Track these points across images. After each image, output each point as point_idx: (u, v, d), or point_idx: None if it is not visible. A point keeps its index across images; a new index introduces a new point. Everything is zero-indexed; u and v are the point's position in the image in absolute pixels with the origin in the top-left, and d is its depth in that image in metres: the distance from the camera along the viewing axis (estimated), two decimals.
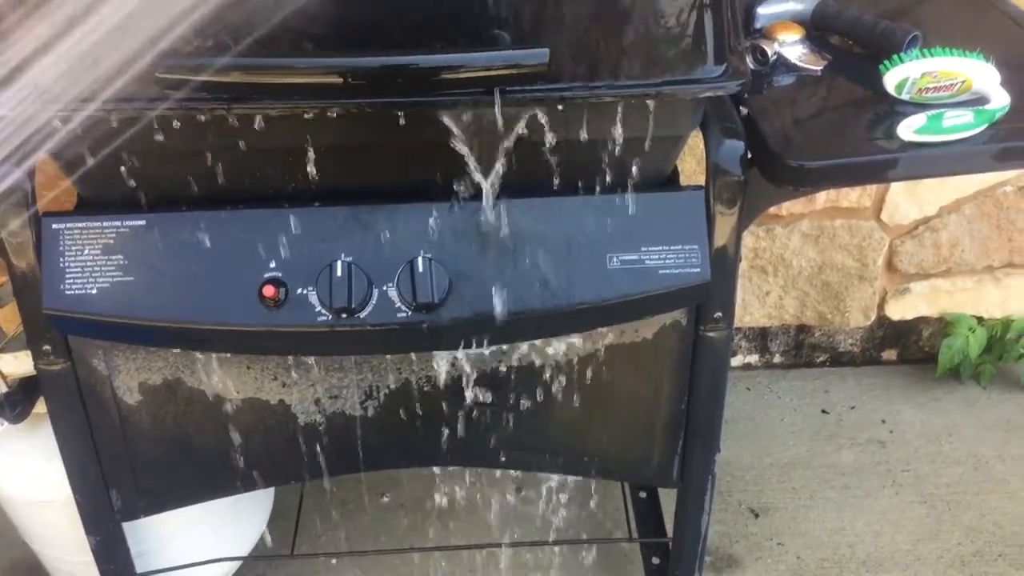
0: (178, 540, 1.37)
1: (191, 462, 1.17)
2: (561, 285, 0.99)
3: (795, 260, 1.84)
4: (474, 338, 1.04)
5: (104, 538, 1.21)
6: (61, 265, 0.96)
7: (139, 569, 1.28)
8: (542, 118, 0.90)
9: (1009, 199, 1.80)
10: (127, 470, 1.15)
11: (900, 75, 1.00)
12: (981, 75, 0.98)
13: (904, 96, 1.00)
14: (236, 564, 1.52)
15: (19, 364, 1.18)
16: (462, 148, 0.92)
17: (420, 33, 0.85)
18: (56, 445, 1.12)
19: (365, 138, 0.93)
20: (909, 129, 0.96)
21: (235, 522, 1.47)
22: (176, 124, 0.89)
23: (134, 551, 1.26)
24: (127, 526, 1.22)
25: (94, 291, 0.96)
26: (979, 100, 0.99)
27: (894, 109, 1.00)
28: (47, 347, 1.04)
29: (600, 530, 1.68)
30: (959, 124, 0.96)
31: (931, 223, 1.83)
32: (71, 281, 0.96)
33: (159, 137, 0.90)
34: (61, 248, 0.96)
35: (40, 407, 1.21)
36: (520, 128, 0.91)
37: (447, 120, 0.89)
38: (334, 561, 1.63)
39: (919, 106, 0.99)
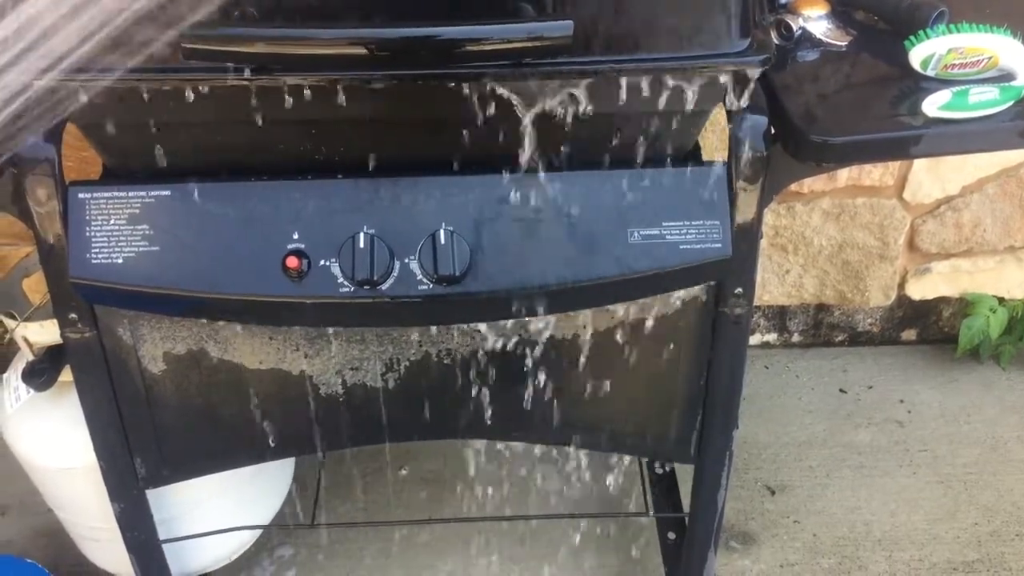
0: (201, 508, 1.39)
1: (214, 431, 1.18)
2: (582, 259, 0.99)
3: (815, 238, 1.83)
4: (495, 312, 1.05)
5: (128, 505, 1.23)
6: (87, 235, 0.97)
7: (162, 536, 1.30)
8: (565, 92, 0.90)
9: None
10: (151, 438, 1.17)
11: (926, 51, 0.99)
12: (1008, 51, 0.97)
13: (929, 72, 1.00)
14: (257, 533, 1.54)
15: (45, 333, 1.20)
16: (484, 121, 0.92)
17: (445, 4, 0.85)
18: (81, 413, 1.14)
19: (388, 110, 0.93)
20: (934, 105, 0.95)
21: (257, 492, 1.49)
22: (200, 95, 0.89)
23: (157, 518, 1.28)
24: (151, 494, 1.24)
25: (120, 261, 0.97)
26: (1006, 77, 0.98)
27: (919, 85, 0.99)
28: (73, 316, 1.05)
29: (617, 505, 1.69)
30: (985, 101, 0.95)
31: (953, 202, 1.82)
32: (97, 251, 0.97)
33: (182, 107, 0.90)
34: (87, 218, 0.97)
35: (66, 375, 1.23)
36: (543, 102, 0.91)
37: (469, 93, 0.89)
38: (353, 532, 1.65)
39: (944, 82, 0.98)
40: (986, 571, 1.57)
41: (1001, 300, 1.93)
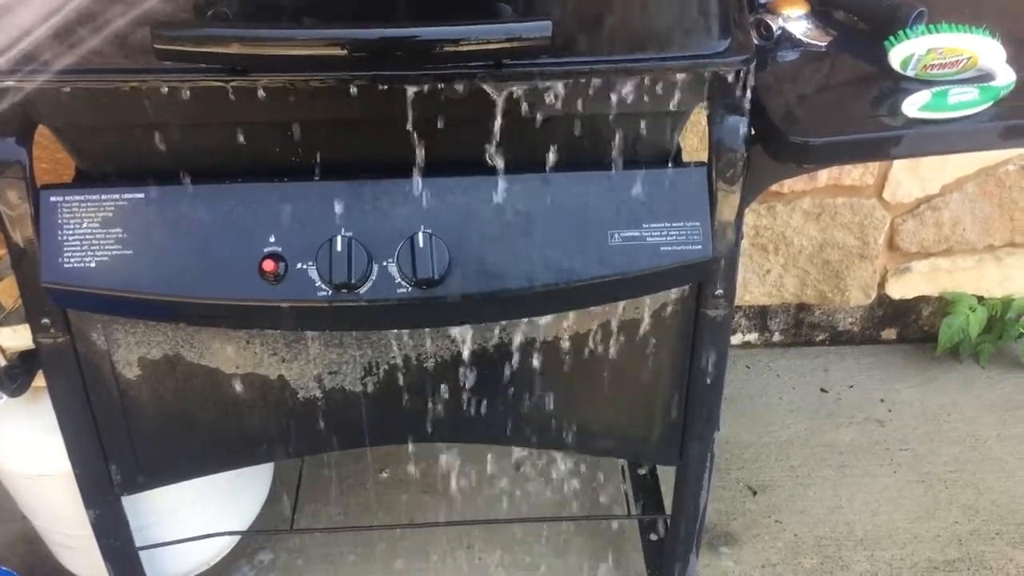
0: (177, 514, 1.37)
1: (190, 436, 1.17)
2: (562, 261, 0.98)
3: (796, 238, 1.84)
4: (474, 314, 1.04)
5: (103, 512, 1.22)
6: (59, 238, 0.96)
7: (138, 543, 1.28)
8: (544, 92, 0.90)
9: (1011, 178, 1.80)
10: (126, 444, 1.15)
11: (905, 51, 0.99)
12: (987, 52, 0.97)
13: (909, 73, 1.00)
14: (235, 539, 1.52)
15: (18, 337, 1.18)
16: (462, 123, 0.91)
17: (423, 5, 0.84)
18: (55, 419, 1.12)
19: (365, 111, 0.92)
20: (914, 106, 0.95)
21: (234, 497, 1.48)
22: (173, 96, 0.88)
23: (133, 525, 1.26)
24: (126, 500, 1.22)
25: (93, 264, 0.96)
26: (985, 77, 0.98)
27: (899, 86, 0.99)
28: (46, 321, 1.03)
29: (599, 506, 1.69)
30: (964, 101, 0.95)
31: (933, 202, 1.82)
32: (70, 255, 0.96)
33: (155, 109, 0.89)
34: (60, 221, 0.96)
35: (39, 380, 1.21)
36: (521, 103, 0.90)
37: (447, 94, 0.88)
38: (333, 535, 1.64)
39: (924, 83, 0.98)
40: (967, 570, 1.57)
41: (980, 299, 1.94)
